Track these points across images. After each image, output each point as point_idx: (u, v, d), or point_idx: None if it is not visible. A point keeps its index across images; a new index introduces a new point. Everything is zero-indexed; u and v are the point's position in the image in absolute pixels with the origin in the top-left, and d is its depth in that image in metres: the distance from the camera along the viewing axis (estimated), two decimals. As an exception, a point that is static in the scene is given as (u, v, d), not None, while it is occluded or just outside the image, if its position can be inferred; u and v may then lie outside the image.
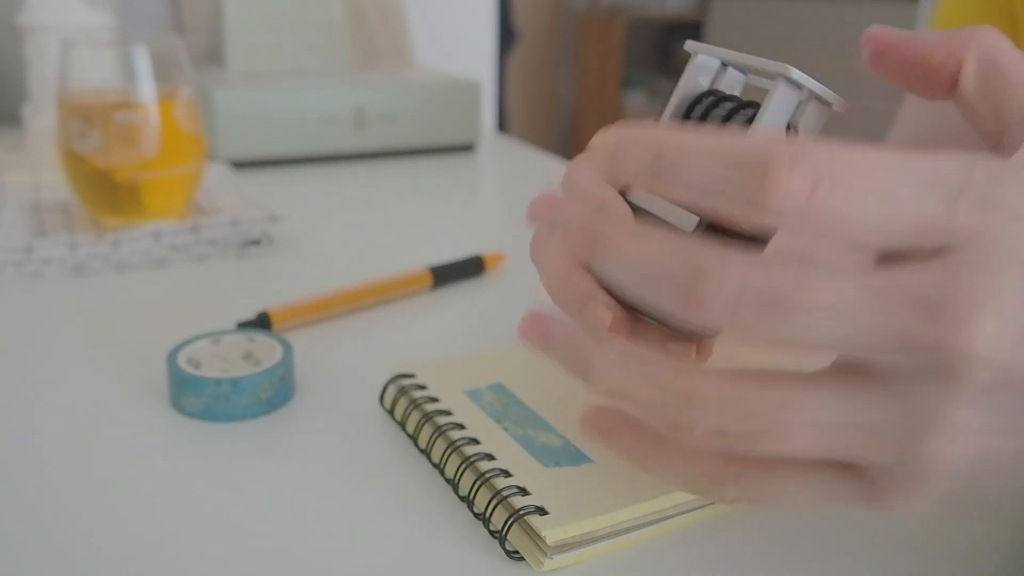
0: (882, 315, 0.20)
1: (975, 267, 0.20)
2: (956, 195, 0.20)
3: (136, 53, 0.55)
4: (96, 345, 0.45)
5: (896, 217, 0.20)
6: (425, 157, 0.90)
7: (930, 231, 0.20)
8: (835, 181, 0.20)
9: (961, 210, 0.20)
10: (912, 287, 0.20)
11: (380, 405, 0.39)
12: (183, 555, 0.29)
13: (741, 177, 0.20)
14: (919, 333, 0.20)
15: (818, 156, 0.20)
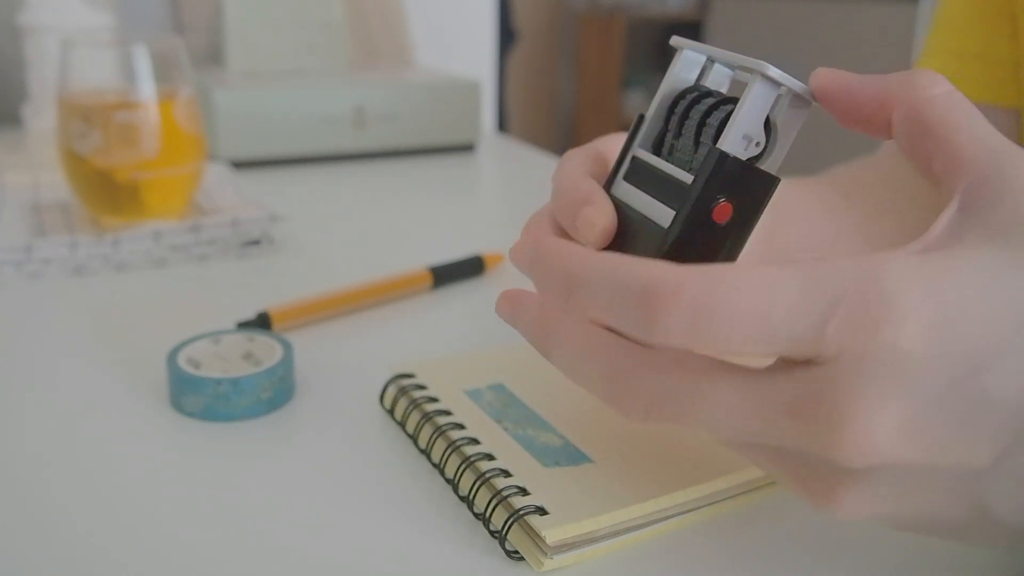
0: (760, 420, 0.23)
1: (844, 380, 0.22)
2: (826, 317, 0.22)
3: (136, 53, 0.55)
4: (96, 345, 0.45)
5: (770, 339, 0.22)
6: (425, 157, 0.90)
7: (802, 348, 0.22)
8: (712, 312, 0.22)
9: (830, 331, 0.22)
10: (787, 395, 0.22)
11: (380, 405, 0.39)
12: (183, 555, 0.29)
13: (631, 309, 0.23)
14: (795, 435, 0.22)
15: (697, 290, 0.22)
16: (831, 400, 0.22)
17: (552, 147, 3.48)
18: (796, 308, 0.22)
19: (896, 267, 0.22)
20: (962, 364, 0.21)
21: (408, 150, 0.90)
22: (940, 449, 0.22)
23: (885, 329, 0.21)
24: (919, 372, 0.21)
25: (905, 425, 0.22)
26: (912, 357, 0.21)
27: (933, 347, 0.21)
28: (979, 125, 0.25)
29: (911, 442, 0.22)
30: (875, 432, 0.21)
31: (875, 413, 0.21)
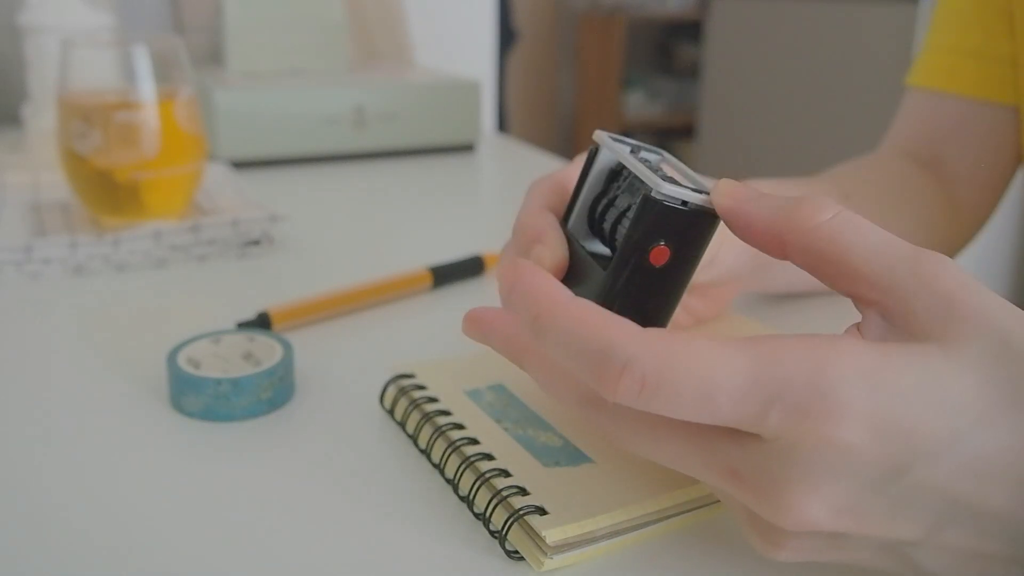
0: (708, 473, 0.25)
1: (785, 461, 0.23)
2: (769, 405, 0.23)
3: (136, 53, 0.55)
4: (96, 345, 0.45)
5: (714, 417, 0.23)
6: (425, 157, 0.90)
7: (746, 427, 0.23)
8: (659, 390, 0.23)
9: (772, 418, 0.23)
10: (730, 460, 0.24)
11: (380, 405, 0.39)
12: (183, 555, 0.29)
13: (587, 366, 0.24)
14: (737, 494, 0.24)
15: (648, 366, 0.23)
16: (769, 475, 0.23)
17: (552, 147, 3.48)
18: (741, 394, 0.23)
19: (840, 361, 0.23)
20: (901, 456, 0.22)
21: (408, 150, 0.90)
22: (874, 525, 0.23)
23: (827, 422, 0.22)
24: (859, 462, 0.22)
25: (841, 506, 0.23)
26: (852, 449, 0.22)
27: (874, 441, 0.22)
28: (874, 240, 0.25)
29: (846, 519, 0.23)
30: (810, 510, 0.23)
31: (810, 495, 0.23)
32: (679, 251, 0.28)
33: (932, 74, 0.61)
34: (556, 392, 0.27)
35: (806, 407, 0.22)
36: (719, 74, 2.81)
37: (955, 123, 0.60)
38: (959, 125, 0.60)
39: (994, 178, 0.61)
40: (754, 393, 0.23)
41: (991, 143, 0.60)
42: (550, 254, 0.31)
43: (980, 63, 0.59)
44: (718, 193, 0.27)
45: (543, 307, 0.25)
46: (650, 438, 0.25)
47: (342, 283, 0.50)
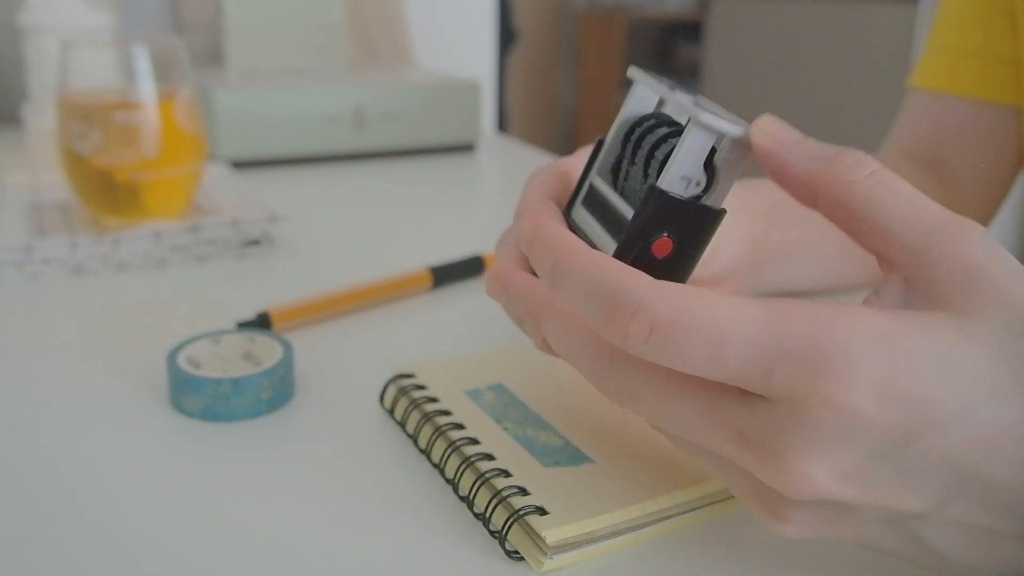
0: (714, 435, 0.24)
1: (790, 424, 0.23)
2: (775, 362, 0.23)
3: (136, 53, 0.55)
4: (96, 345, 0.45)
5: (721, 369, 0.23)
6: (425, 157, 0.90)
7: (752, 385, 0.23)
8: (669, 332, 0.23)
9: (778, 376, 0.23)
10: (737, 421, 0.24)
11: (380, 405, 0.39)
12: (183, 555, 0.29)
13: (600, 313, 0.24)
14: (742, 458, 0.24)
15: (658, 309, 0.23)
16: (775, 439, 0.23)
17: (552, 147, 3.48)
18: (750, 346, 0.23)
19: (852, 324, 0.23)
20: (910, 424, 0.22)
21: (408, 150, 0.90)
22: (880, 494, 0.23)
23: (835, 384, 0.22)
24: (866, 427, 0.22)
25: (847, 472, 0.23)
26: (860, 413, 0.22)
27: (883, 406, 0.22)
28: (908, 203, 0.25)
29: (852, 486, 0.23)
30: (815, 475, 0.23)
31: (816, 460, 0.23)
32: (682, 243, 0.28)
33: (934, 75, 0.61)
34: (570, 350, 0.27)
35: (814, 366, 0.22)
36: (719, 74, 2.81)
37: (957, 124, 0.60)
38: (961, 126, 0.60)
39: (996, 180, 0.61)
40: (763, 346, 0.23)
41: (993, 144, 0.60)
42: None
43: (982, 64, 0.59)
44: (758, 131, 0.27)
45: (563, 253, 0.26)
46: (658, 396, 0.25)
47: (342, 283, 0.50)
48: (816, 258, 0.49)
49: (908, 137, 0.63)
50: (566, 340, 0.27)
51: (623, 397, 0.26)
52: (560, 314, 0.28)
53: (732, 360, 0.23)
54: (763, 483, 0.24)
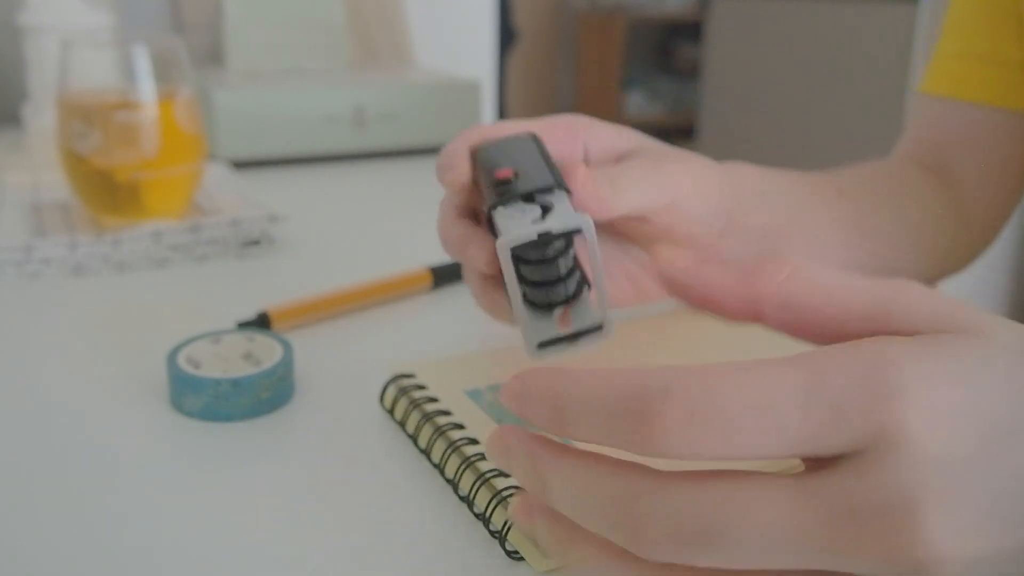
0: (808, 532, 0.20)
1: (893, 468, 0.20)
2: (841, 398, 0.20)
3: (136, 53, 0.55)
4: (96, 345, 0.45)
5: (781, 433, 0.20)
6: (425, 157, 0.90)
7: (820, 439, 0.20)
8: (711, 410, 0.20)
9: (850, 410, 0.20)
10: (835, 497, 0.20)
11: (380, 405, 0.39)
12: (183, 555, 0.29)
13: (625, 425, 0.21)
14: (865, 545, 0.20)
15: (690, 390, 0.20)
16: (889, 493, 0.20)
17: (552, 147, 3.47)
18: (804, 395, 0.20)
19: (895, 348, 0.21)
20: (993, 440, 0.21)
21: (408, 150, 0.90)
22: (1004, 532, 0.21)
23: (912, 408, 0.20)
24: (956, 451, 0.20)
25: (969, 518, 0.20)
26: (943, 437, 0.20)
27: (960, 427, 0.20)
28: (845, 277, 0.24)
29: (982, 532, 0.20)
30: (946, 529, 0.20)
31: (940, 508, 0.20)
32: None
33: (940, 80, 0.61)
34: (591, 504, 0.22)
35: (886, 392, 0.20)
36: (719, 74, 2.81)
37: (963, 130, 0.60)
38: (967, 132, 0.59)
39: (1003, 189, 0.60)
40: (819, 389, 0.20)
41: (1000, 152, 0.59)
42: (481, 253, 0.35)
43: (988, 68, 0.58)
44: (663, 268, 0.27)
45: (562, 383, 0.23)
46: (726, 504, 0.20)
47: (342, 283, 0.50)
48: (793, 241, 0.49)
49: (915, 143, 0.62)
50: (583, 493, 0.23)
51: (676, 530, 0.21)
52: (568, 464, 0.23)
53: (791, 417, 0.20)
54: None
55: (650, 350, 0.41)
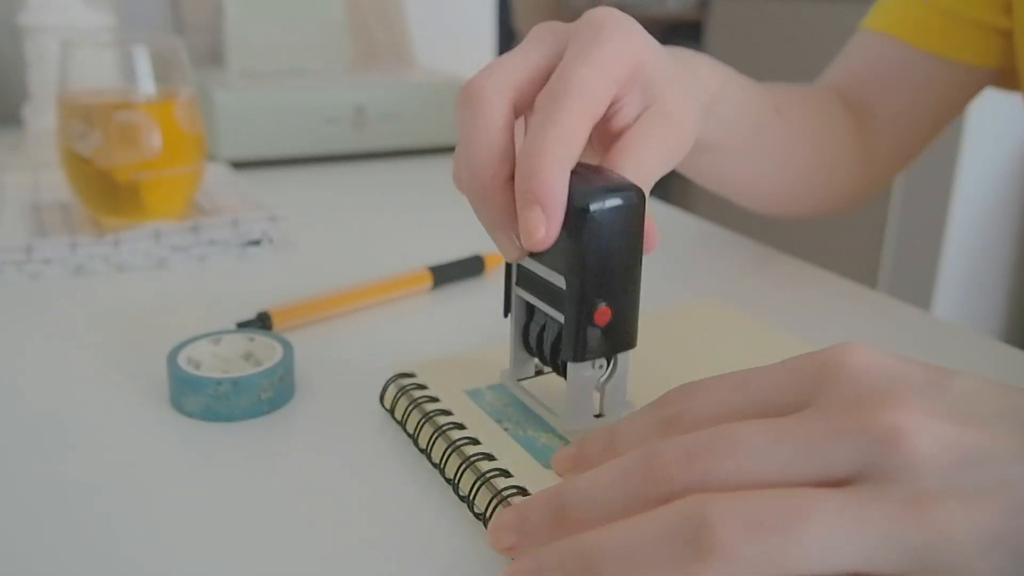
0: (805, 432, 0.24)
1: (847, 380, 0.25)
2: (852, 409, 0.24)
3: (136, 53, 0.55)
4: (96, 345, 0.45)
5: (811, 457, 0.23)
6: (425, 157, 0.90)
7: (837, 446, 0.23)
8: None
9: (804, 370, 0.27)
10: (819, 411, 0.24)
11: (380, 405, 0.39)
12: (183, 555, 0.29)
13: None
14: (845, 429, 0.23)
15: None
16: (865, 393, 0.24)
17: (552, 147, 3.46)
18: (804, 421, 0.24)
19: (859, 351, 0.26)
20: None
21: (408, 150, 0.90)
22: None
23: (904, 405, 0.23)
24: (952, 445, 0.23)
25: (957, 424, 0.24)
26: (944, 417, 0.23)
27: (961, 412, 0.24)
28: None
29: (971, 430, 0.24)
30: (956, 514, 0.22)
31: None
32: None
33: (893, 20, 0.60)
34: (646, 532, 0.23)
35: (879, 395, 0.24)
36: (719, 74, 2.80)
37: (895, 69, 0.60)
38: (898, 71, 0.60)
39: (912, 135, 0.61)
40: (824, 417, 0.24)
41: (922, 96, 0.59)
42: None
43: (948, 21, 0.58)
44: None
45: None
46: (736, 427, 0.24)
47: (342, 283, 0.50)
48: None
49: (843, 74, 0.62)
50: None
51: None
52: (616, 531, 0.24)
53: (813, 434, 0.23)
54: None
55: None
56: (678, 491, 0.23)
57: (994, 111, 1.59)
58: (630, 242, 0.30)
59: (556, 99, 0.30)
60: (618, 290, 0.31)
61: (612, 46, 0.32)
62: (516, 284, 0.35)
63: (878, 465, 0.23)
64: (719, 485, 0.23)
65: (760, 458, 0.23)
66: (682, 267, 0.58)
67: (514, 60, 0.33)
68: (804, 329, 0.47)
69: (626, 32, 0.33)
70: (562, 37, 0.34)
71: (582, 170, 0.31)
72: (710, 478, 0.23)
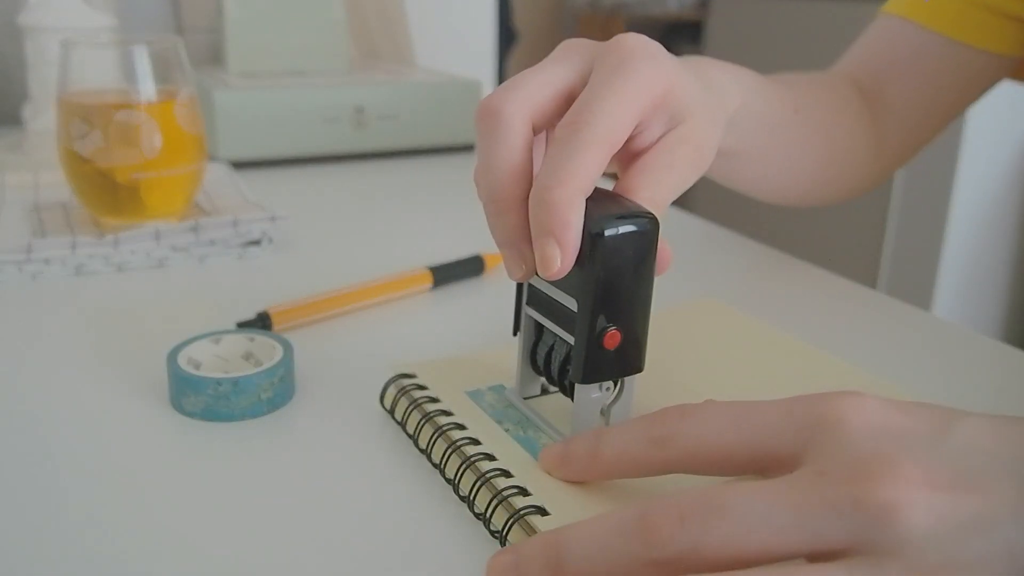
0: (796, 499, 0.24)
1: (840, 439, 0.25)
2: (787, 409, 0.27)
3: (136, 53, 0.55)
4: (96, 345, 0.45)
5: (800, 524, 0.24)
6: (425, 157, 0.90)
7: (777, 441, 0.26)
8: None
9: (797, 417, 0.27)
10: (812, 471, 0.24)
11: (380, 405, 0.39)
12: (183, 555, 0.29)
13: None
14: (838, 500, 0.23)
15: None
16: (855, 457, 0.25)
17: (552, 147, 3.46)
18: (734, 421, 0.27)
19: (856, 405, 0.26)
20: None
21: (408, 150, 0.90)
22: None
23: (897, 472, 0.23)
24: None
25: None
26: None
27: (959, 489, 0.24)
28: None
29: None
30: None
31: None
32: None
33: (911, 5, 0.60)
34: (605, 550, 0.25)
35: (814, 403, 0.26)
36: (719, 74, 2.80)
37: (911, 53, 0.59)
38: (914, 55, 0.59)
39: (926, 121, 0.61)
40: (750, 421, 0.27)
41: (938, 82, 0.59)
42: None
43: (968, 6, 0.58)
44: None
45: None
46: (734, 490, 0.25)
47: (342, 283, 0.50)
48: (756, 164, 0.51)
49: (860, 60, 0.62)
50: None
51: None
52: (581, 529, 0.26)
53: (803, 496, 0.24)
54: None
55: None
56: (671, 555, 0.24)
57: (994, 110, 1.59)
58: (643, 268, 0.31)
59: (578, 132, 0.30)
60: (629, 315, 0.31)
61: (638, 79, 0.32)
62: (527, 303, 0.35)
63: (872, 540, 0.22)
64: (712, 551, 0.23)
65: (752, 525, 0.23)
66: (682, 267, 0.58)
67: (537, 78, 0.33)
68: (804, 329, 0.47)
69: (653, 62, 0.33)
70: (588, 58, 0.34)
71: (598, 195, 0.31)
72: (703, 544, 0.23)
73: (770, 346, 0.42)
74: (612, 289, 0.30)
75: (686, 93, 0.35)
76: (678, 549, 0.23)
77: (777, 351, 0.42)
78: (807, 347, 0.42)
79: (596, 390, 0.32)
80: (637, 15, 3.61)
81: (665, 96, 0.33)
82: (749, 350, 0.42)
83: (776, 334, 0.44)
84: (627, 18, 3.59)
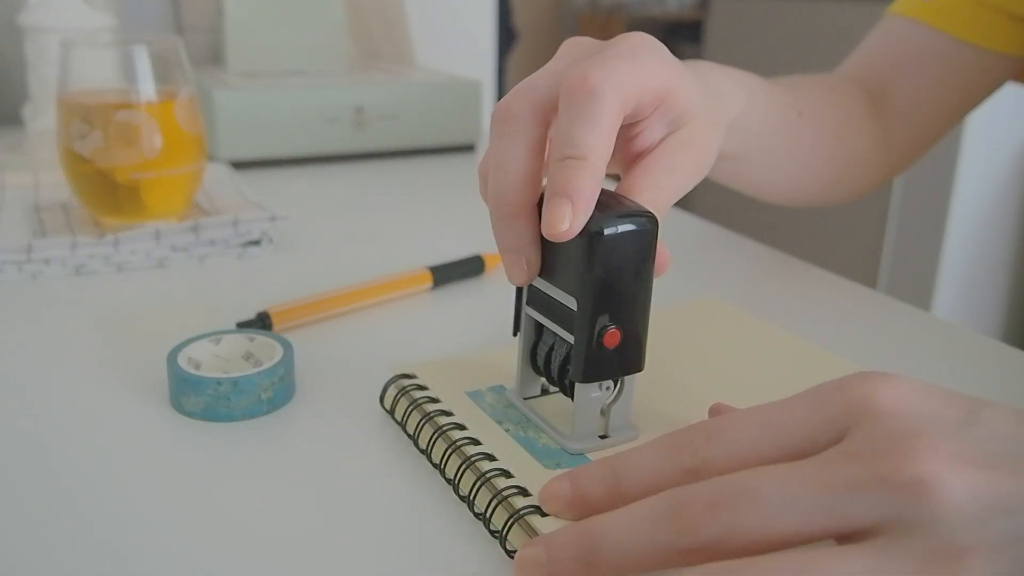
0: (828, 479, 0.24)
1: (875, 426, 0.25)
2: (823, 398, 0.27)
3: (136, 53, 0.55)
4: (96, 345, 0.45)
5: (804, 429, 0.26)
6: (425, 157, 0.90)
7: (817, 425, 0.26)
8: (729, 420, 0.27)
9: (831, 404, 0.26)
10: (842, 453, 0.24)
11: (380, 405, 0.39)
12: (183, 555, 0.29)
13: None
14: (867, 478, 0.23)
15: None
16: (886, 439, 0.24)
17: (552, 147, 3.46)
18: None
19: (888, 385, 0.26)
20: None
21: (408, 150, 0.90)
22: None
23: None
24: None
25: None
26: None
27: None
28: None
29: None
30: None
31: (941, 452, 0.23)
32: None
33: (917, 5, 0.60)
34: (643, 535, 0.25)
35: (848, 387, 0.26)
36: (719, 74, 2.80)
37: (917, 53, 0.59)
38: (921, 56, 0.59)
39: (933, 121, 0.61)
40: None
41: (945, 82, 0.59)
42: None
43: (973, 7, 0.58)
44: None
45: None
46: (762, 474, 0.25)
47: (342, 283, 0.50)
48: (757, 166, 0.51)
49: (866, 61, 0.62)
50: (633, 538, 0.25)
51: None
52: (619, 517, 0.26)
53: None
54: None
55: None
56: (704, 542, 0.24)
57: (994, 111, 1.59)
58: (642, 267, 0.31)
59: (594, 97, 0.31)
60: (629, 314, 0.31)
61: (648, 60, 0.33)
62: (526, 303, 0.35)
63: (901, 518, 0.22)
64: (743, 537, 0.23)
65: (783, 509, 0.23)
66: (682, 267, 0.58)
67: (546, 79, 0.33)
68: (804, 328, 0.47)
69: (661, 57, 0.33)
70: (592, 54, 0.34)
71: (599, 195, 0.31)
72: (734, 530, 0.23)
73: (771, 344, 0.42)
74: (612, 288, 0.30)
75: (689, 96, 0.35)
76: (711, 536, 0.23)
77: (778, 349, 0.42)
78: (808, 345, 0.42)
79: (596, 389, 0.32)
80: (637, 15, 3.61)
81: (669, 93, 0.33)
82: (750, 348, 0.42)
83: (777, 332, 0.44)
84: (627, 18, 3.58)
